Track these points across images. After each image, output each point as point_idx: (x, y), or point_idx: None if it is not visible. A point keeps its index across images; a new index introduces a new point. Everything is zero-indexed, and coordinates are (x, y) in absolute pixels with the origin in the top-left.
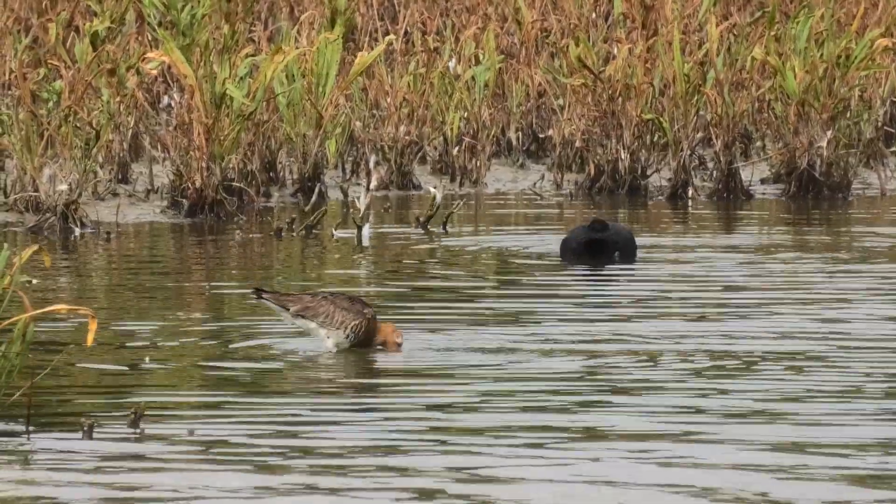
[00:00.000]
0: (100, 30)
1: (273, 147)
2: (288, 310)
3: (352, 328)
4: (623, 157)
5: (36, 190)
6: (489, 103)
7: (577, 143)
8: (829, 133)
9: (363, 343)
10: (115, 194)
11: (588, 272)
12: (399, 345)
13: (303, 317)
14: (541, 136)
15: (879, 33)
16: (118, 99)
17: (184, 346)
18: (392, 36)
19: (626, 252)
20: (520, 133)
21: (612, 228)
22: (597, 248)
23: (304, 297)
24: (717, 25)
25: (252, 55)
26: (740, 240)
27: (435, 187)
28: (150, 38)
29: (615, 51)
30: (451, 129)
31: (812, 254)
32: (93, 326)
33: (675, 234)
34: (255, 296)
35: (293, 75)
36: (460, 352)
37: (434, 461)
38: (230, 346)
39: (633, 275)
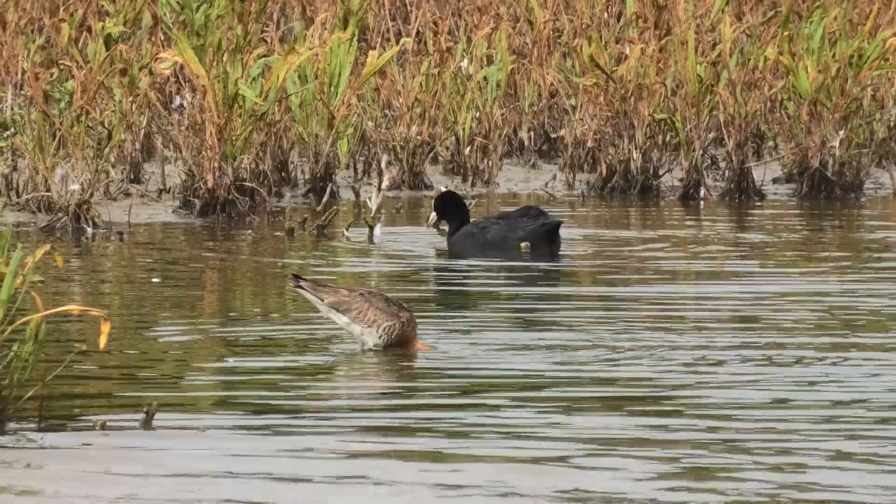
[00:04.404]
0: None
1: (285, 147)
2: (322, 301)
3: (384, 329)
4: (635, 156)
5: (48, 190)
6: (501, 103)
7: (589, 143)
8: (841, 133)
9: (398, 345)
10: (128, 194)
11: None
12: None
13: (336, 310)
14: (553, 136)
15: (892, 33)
16: (130, 99)
17: (197, 345)
18: (407, 39)
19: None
20: (532, 133)
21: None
22: (553, 233)
23: (341, 290)
24: (731, 25)
25: (264, 55)
26: (751, 239)
27: (446, 187)
28: (162, 38)
29: (627, 51)
30: (463, 129)
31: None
32: (105, 328)
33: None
34: (293, 282)
35: (306, 76)
36: (472, 351)
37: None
38: (244, 344)
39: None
